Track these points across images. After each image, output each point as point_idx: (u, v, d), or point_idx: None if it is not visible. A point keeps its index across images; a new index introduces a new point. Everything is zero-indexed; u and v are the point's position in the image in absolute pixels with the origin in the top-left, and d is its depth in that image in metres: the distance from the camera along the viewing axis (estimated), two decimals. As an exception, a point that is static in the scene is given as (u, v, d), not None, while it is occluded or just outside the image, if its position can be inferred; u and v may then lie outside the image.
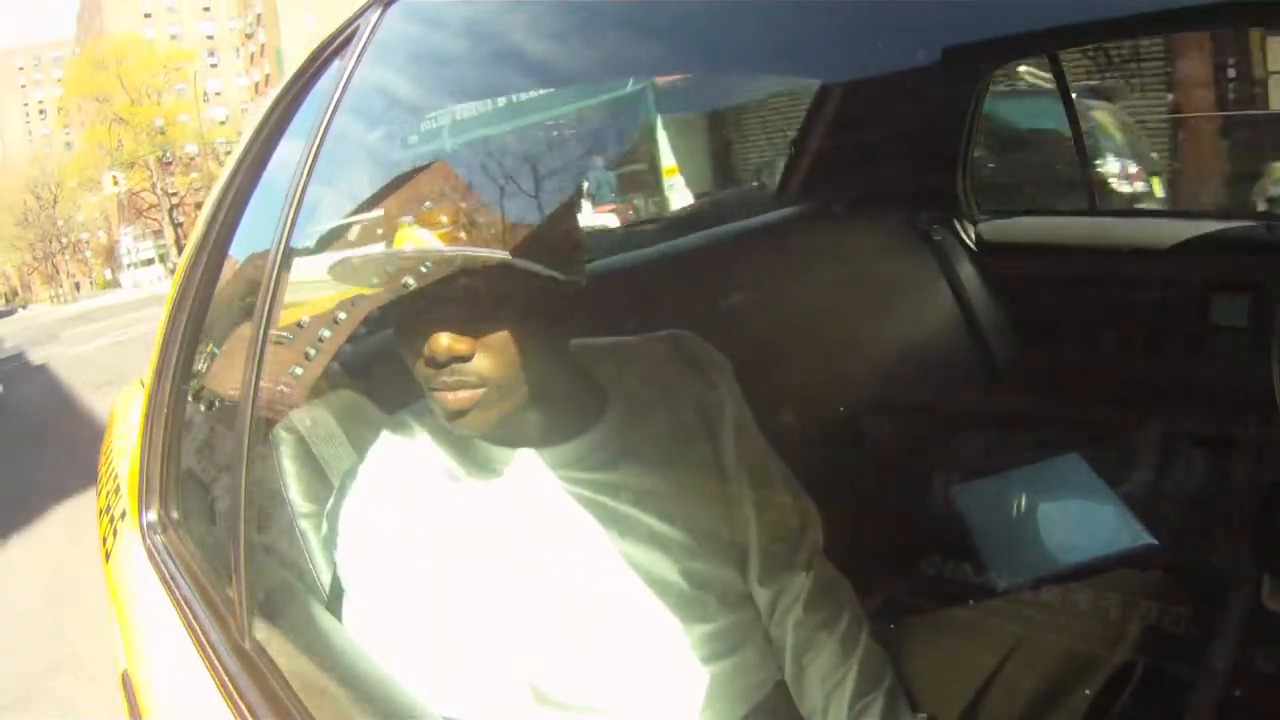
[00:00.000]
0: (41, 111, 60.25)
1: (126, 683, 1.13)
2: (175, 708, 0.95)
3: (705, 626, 0.74)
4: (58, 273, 47.81)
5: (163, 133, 37.85)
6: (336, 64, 0.96)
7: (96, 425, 4.30)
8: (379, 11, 0.89)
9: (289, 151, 1.04)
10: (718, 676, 0.74)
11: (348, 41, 0.93)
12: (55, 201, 43.22)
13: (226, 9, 50.09)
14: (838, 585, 0.78)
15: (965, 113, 1.51)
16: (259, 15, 43.15)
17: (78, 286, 47.58)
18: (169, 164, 37.17)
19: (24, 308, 40.36)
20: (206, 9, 52.62)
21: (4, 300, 46.66)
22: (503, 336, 0.67)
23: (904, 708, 0.74)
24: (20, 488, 4.00)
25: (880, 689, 0.74)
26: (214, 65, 51.30)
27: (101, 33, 48.66)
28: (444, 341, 0.66)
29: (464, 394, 0.67)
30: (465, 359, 0.67)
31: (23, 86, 66.87)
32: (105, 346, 11.43)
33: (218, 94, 50.94)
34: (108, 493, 1.51)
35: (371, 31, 0.89)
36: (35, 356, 11.39)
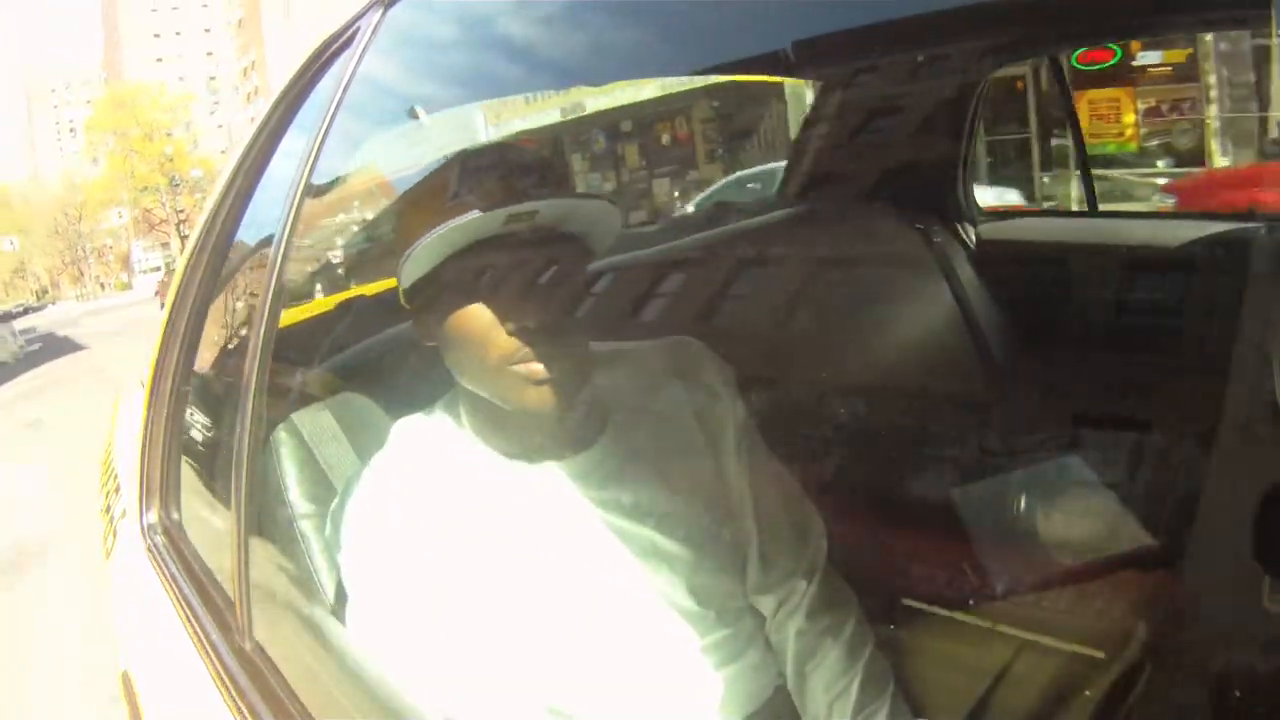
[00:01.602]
0: (71, 130, 66.60)
1: (127, 683, 1.13)
2: (175, 708, 0.95)
3: (707, 639, 0.74)
4: (82, 275, 56.94)
5: (170, 160, 45.60)
6: (338, 64, 0.96)
7: (80, 346, 14.86)
8: (380, 12, 0.89)
9: (290, 151, 1.04)
10: (717, 685, 0.74)
11: (349, 41, 0.93)
12: (80, 218, 52.69)
13: (229, 54, 58.67)
14: (841, 592, 0.78)
15: (965, 113, 1.51)
16: (253, 61, 50.10)
17: (102, 286, 55.82)
18: (177, 186, 44.93)
19: (53, 304, 48.65)
20: (210, 54, 63.08)
21: (36, 297, 55.25)
22: (572, 304, 0.70)
23: (906, 716, 0.74)
24: (58, 361, 12.08)
25: (884, 697, 0.73)
26: (216, 103, 60.62)
27: (120, 75, 60.09)
28: (536, 308, 0.67)
29: (555, 360, 0.68)
30: (551, 326, 0.67)
31: (55, 107, 74.18)
32: (106, 325, 20.64)
33: (219, 127, 58.87)
34: (109, 492, 1.51)
35: (373, 32, 0.89)
36: (60, 332, 20.75)
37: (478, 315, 0.68)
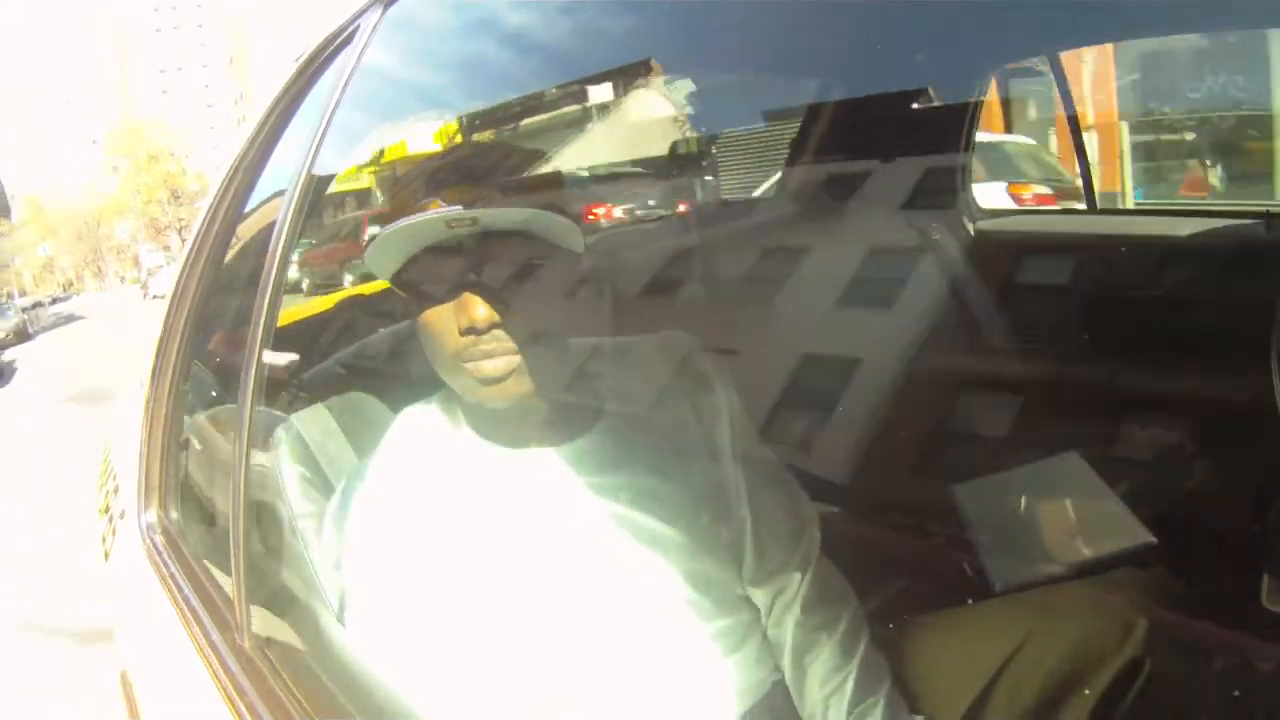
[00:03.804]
0: (94, 141, 76.66)
1: (126, 682, 1.13)
2: (174, 707, 0.95)
3: (705, 628, 0.74)
4: (101, 271, 70.94)
5: (174, 175, 57.68)
6: (337, 63, 0.96)
7: (83, 318, 29.71)
8: (379, 11, 0.89)
9: (290, 150, 1.04)
10: (716, 677, 0.74)
11: (348, 41, 0.93)
12: (99, 225, 65.91)
13: (223, 86, 70.58)
14: (837, 586, 0.78)
15: (966, 112, 1.51)
16: (242, 93, 60.39)
17: (122, 280, 67.00)
18: (178, 198, 56.52)
19: (76, 295, 62.14)
20: (207, 85, 78.41)
21: (63, 289, 69.15)
22: (529, 303, 0.70)
23: (903, 711, 0.74)
24: (71, 325, 26.20)
25: (881, 692, 0.74)
26: (212, 127, 73.43)
27: (131, 102, 75.20)
28: (482, 309, 0.68)
29: (502, 360, 0.69)
30: (502, 325, 0.69)
31: (80, 116, 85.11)
32: (105, 310, 31.09)
33: (215, 147, 69.07)
34: (108, 492, 1.51)
35: (373, 30, 0.89)
36: (76, 313, 32.47)
37: (434, 314, 0.71)
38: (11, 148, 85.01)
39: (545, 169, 0.82)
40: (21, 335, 19.81)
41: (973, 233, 1.46)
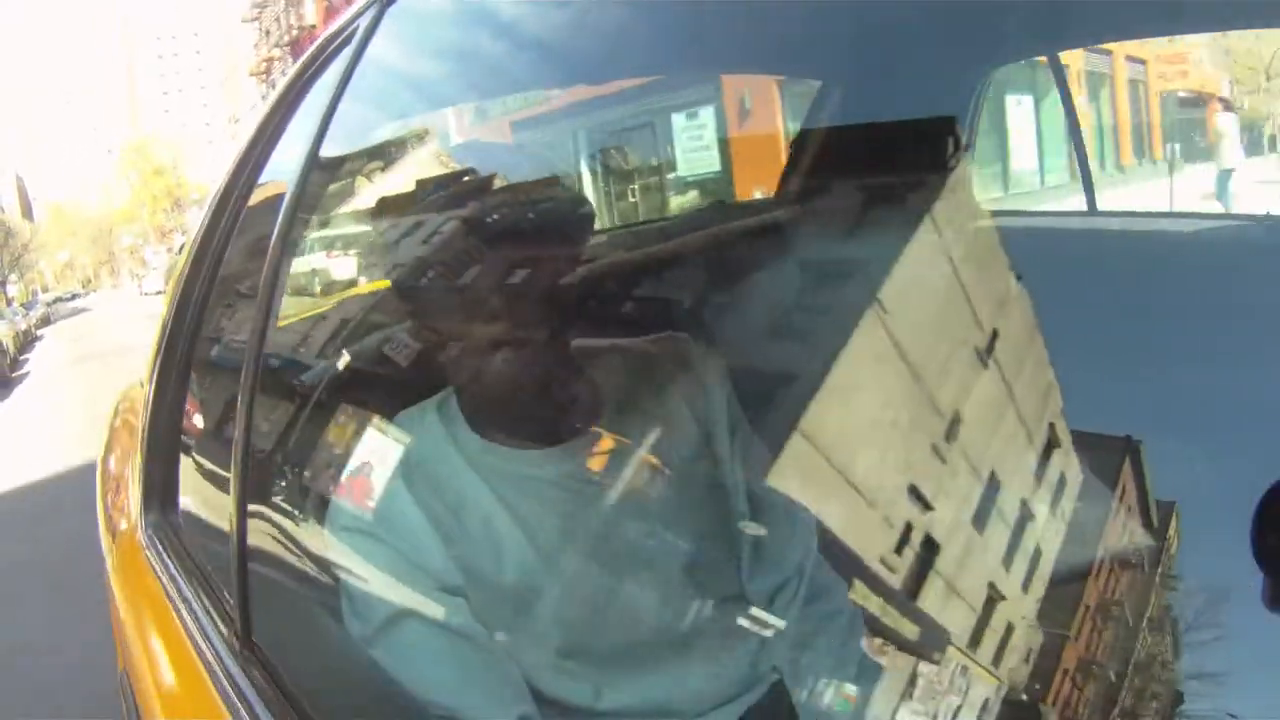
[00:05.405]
0: (109, 150, 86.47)
1: (125, 682, 1.13)
2: (174, 708, 0.95)
3: (703, 625, 0.74)
4: (114, 271, 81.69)
5: (178, 186, 66.73)
6: (336, 64, 0.96)
7: (89, 309, 44.80)
8: (379, 11, 0.89)
9: (289, 150, 1.04)
10: (714, 675, 0.74)
11: (347, 41, 0.93)
12: (111, 230, 76.36)
13: (219, 105, 79.70)
14: (834, 587, 0.78)
15: (965, 112, 1.51)
16: (234, 112, 67.29)
17: (133, 277, 73.85)
18: (180, 205, 63.83)
19: (93, 291, 73.73)
20: (205, 105, 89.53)
21: (82, 286, 79.54)
22: (543, 302, 0.72)
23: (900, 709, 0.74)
24: (84, 315, 36.84)
25: (880, 691, 0.74)
26: (210, 142, 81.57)
27: (139, 118, 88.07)
28: (498, 308, 0.69)
29: (515, 358, 0.71)
30: (517, 323, 0.70)
31: (94, 130, 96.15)
32: (110, 302, 48.13)
33: (212, 161, 78.12)
34: (108, 492, 1.51)
35: (372, 31, 0.89)
36: (90, 306, 47.58)
37: (446, 313, 0.73)
38: (12, 146, 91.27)
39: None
40: (46, 321, 30.89)
41: (972, 234, 1.46)
